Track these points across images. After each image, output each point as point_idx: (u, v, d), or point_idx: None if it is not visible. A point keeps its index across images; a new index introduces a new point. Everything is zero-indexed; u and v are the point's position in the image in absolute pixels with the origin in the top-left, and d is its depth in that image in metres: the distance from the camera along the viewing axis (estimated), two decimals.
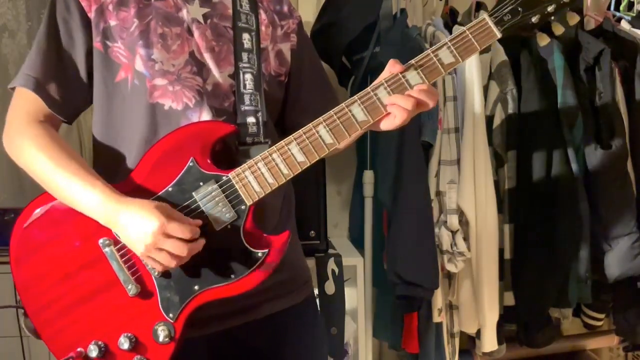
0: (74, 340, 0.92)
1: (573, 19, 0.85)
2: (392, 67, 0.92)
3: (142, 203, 0.86)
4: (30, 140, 0.92)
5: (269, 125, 1.04)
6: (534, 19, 0.86)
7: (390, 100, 0.90)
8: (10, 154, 0.96)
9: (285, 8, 1.13)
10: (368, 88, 0.91)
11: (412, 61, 0.90)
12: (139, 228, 0.84)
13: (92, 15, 0.95)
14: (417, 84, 0.89)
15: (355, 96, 0.91)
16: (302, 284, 1.13)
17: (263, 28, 1.07)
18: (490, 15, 0.87)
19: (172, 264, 0.86)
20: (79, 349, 0.91)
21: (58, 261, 0.92)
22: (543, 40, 0.87)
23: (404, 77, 0.90)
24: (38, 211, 0.94)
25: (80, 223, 0.91)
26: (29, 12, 1.83)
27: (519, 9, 0.86)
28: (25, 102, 0.95)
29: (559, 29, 0.85)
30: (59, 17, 0.96)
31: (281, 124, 1.13)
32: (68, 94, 0.97)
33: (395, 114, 0.90)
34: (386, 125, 0.93)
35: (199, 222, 0.88)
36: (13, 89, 0.98)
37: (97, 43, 0.95)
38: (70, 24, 0.95)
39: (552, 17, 0.87)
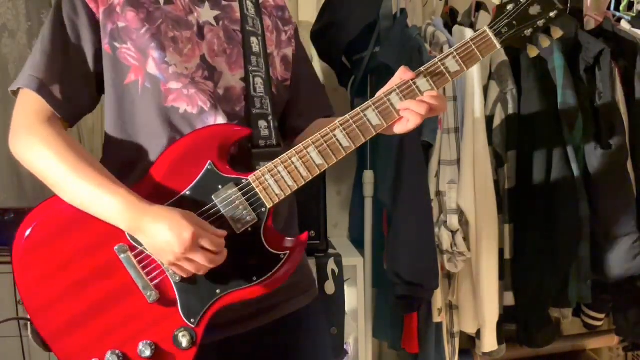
0: (88, 351, 0.89)
1: (556, 33, 0.96)
2: (403, 74, 0.94)
3: (169, 211, 0.85)
4: (41, 141, 0.89)
5: (278, 128, 1.04)
6: (527, 32, 0.94)
7: (404, 106, 0.93)
8: (18, 156, 0.92)
9: (287, 14, 1.15)
10: (381, 94, 0.94)
11: (422, 68, 0.94)
12: (169, 237, 0.83)
13: (100, 16, 0.94)
14: (427, 90, 0.93)
15: (369, 101, 0.94)
16: (310, 287, 1.13)
17: (268, 34, 1.08)
18: (490, 27, 0.93)
19: (199, 272, 0.86)
20: None
21: (68, 269, 0.89)
22: (533, 51, 0.98)
23: (414, 83, 0.93)
24: (44, 218, 0.91)
25: (93, 229, 0.88)
26: (29, 12, 1.83)
27: (514, 22, 0.93)
28: (31, 103, 0.93)
29: (557, 33, 0.95)
30: (65, 17, 0.93)
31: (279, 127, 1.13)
32: (73, 95, 0.94)
33: (408, 118, 0.93)
34: (399, 129, 0.95)
35: (225, 233, 0.88)
36: (16, 91, 0.95)
37: (105, 45, 0.94)
38: (77, 25, 0.94)
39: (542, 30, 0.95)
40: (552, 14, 0.94)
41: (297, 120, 1.13)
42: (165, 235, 0.83)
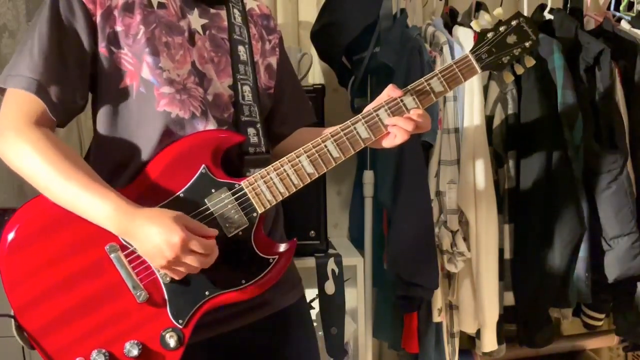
0: (73, 349, 0.89)
1: (529, 62, 1.05)
2: (391, 92, 0.99)
3: (160, 214, 0.85)
4: (30, 146, 0.87)
5: (266, 135, 1.07)
6: (505, 59, 1.02)
7: (391, 122, 0.98)
8: (5, 158, 0.90)
9: (272, 23, 1.17)
10: (370, 109, 0.99)
11: (409, 87, 0.99)
12: (160, 241, 0.83)
13: (97, 19, 0.92)
14: (413, 108, 0.98)
15: (359, 115, 0.99)
16: (296, 285, 1.14)
17: (254, 42, 1.10)
18: (472, 53, 1.01)
19: (190, 272, 0.87)
20: (78, 359, 0.89)
21: (56, 267, 0.88)
22: (509, 77, 1.08)
23: (402, 101, 0.98)
24: (32, 216, 0.90)
25: (83, 228, 0.88)
26: (29, 12, 1.82)
27: (493, 49, 1.01)
28: (22, 104, 0.89)
29: (530, 62, 1.05)
30: (62, 17, 0.91)
31: None
32: (68, 97, 0.93)
33: (396, 133, 0.98)
34: (387, 143, 1.01)
35: (216, 232, 0.89)
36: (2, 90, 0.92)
37: (102, 48, 0.93)
38: (74, 25, 0.92)
39: (519, 59, 1.03)
40: (527, 44, 1.01)
41: (280, 127, 1.16)
42: (155, 240, 0.83)
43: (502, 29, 1.01)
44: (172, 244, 0.82)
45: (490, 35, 1.01)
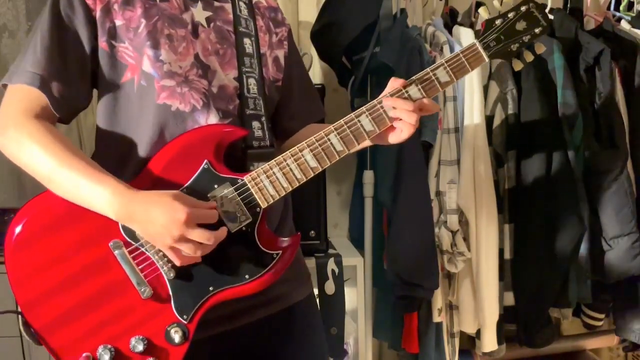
0: (79, 345, 0.90)
1: (540, 48, 1.00)
2: (394, 83, 0.96)
3: (158, 195, 0.85)
4: (30, 137, 0.88)
5: (271, 129, 1.06)
6: (514, 47, 0.98)
7: (395, 113, 0.95)
8: (6, 152, 0.91)
9: (279, 16, 1.16)
10: (375, 101, 0.96)
11: (414, 77, 0.96)
12: (163, 220, 0.82)
13: (97, 14, 0.93)
14: (418, 98, 0.95)
15: (363, 107, 0.96)
16: (304, 282, 1.14)
17: (261, 34, 1.09)
18: (479, 41, 0.97)
19: (197, 253, 0.86)
20: (85, 354, 0.89)
21: (61, 263, 0.89)
22: (518, 64, 1.03)
23: (406, 91, 0.95)
24: (36, 213, 0.91)
25: (87, 224, 0.89)
26: (29, 12, 1.83)
27: (502, 37, 0.97)
28: (23, 99, 0.91)
29: (540, 49, 1.00)
30: (62, 14, 0.93)
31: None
32: (70, 93, 0.94)
33: (402, 128, 0.96)
34: (394, 139, 0.98)
35: (214, 203, 0.89)
36: (4, 85, 0.93)
37: (102, 43, 0.94)
38: (74, 22, 0.93)
39: (528, 46, 0.99)
40: (537, 30, 0.97)
41: (289, 122, 1.15)
42: (160, 220, 0.83)
43: (510, 15, 0.97)
44: (178, 220, 0.82)
45: (498, 22, 0.97)
